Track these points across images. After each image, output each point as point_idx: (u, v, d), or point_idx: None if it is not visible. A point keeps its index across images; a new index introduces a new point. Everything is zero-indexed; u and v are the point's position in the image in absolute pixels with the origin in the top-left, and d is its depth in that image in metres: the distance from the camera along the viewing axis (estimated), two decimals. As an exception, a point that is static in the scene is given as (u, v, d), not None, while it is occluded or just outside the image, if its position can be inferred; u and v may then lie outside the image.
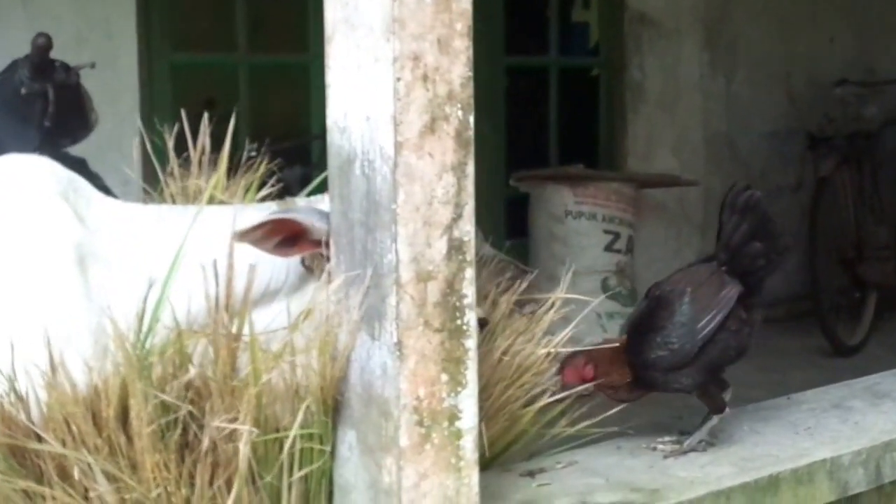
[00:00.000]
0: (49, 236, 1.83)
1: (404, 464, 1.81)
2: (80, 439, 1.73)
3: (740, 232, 2.26)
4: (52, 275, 1.82)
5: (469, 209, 1.83)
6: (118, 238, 1.88)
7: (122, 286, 1.82)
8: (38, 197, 1.87)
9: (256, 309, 1.87)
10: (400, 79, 1.74)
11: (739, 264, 2.24)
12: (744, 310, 2.27)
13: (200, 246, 1.85)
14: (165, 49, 4.19)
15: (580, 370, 2.27)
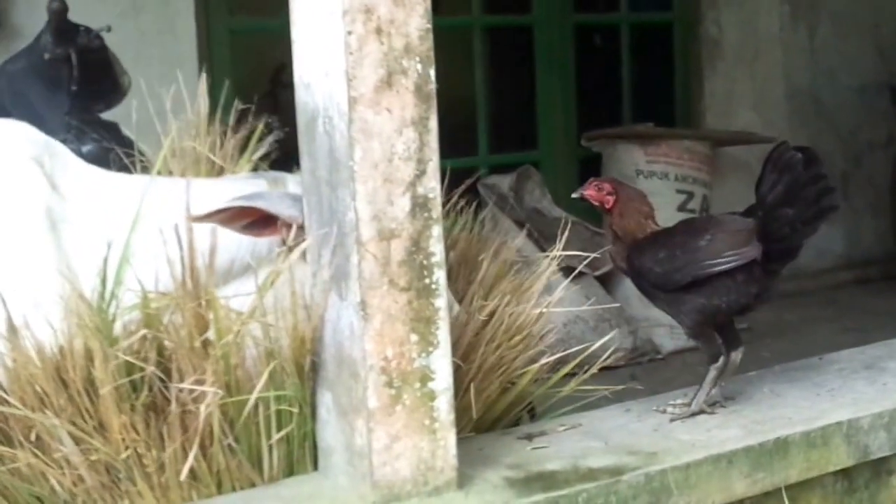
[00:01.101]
0: (20, 200, 1.85)
1: (374, 425, 1.78)
2: (46, 401, 1.75)
3: (775, 193, 2.18)
4: (22, 238, 1.84)
5: (433, 165, 1.78)
6: (92, 204, 1.89)
7: (91, 251, 1.83)
8: (10, 161, 1.89)
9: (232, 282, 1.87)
10: (351, 32, 1.70)
11: (770, 227, 2.16)
12: (763, 272, 2.18)
13: (171, 216, 1.85)
14: (223, 14, 4.21)
15: (602, 193, 2.31)
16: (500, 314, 2.05)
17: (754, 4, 5.60)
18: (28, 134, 1.96)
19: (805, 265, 5.86)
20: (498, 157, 5.13)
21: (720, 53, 5.59)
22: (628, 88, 5.52)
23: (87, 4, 3.50)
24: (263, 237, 1.94)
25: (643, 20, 5.67)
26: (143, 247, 1.85)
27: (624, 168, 5.05)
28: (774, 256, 2.21)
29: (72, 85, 2.70)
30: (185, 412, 1.80)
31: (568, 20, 5.21)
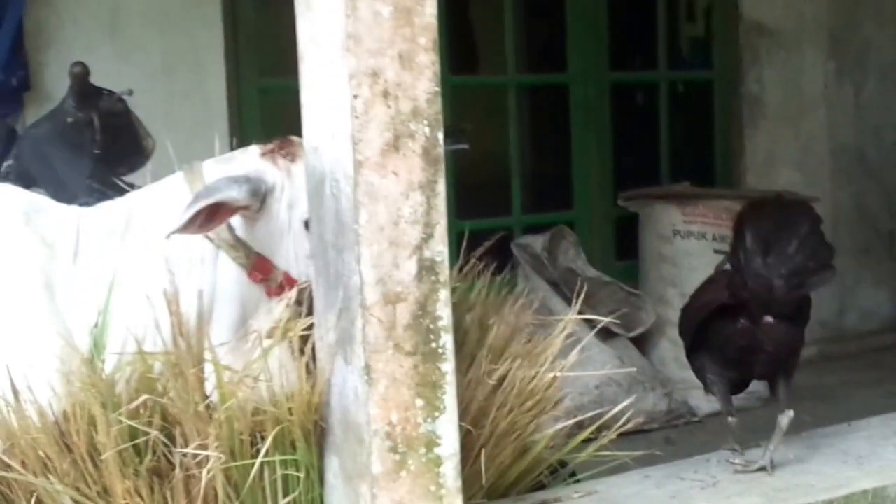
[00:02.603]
0: (14, 262, 1.87)
1: (378, 491, 1.76)
2: (50, 465, 1.74)
3: (748, 239, 2.14)
4: (18, 301, 1.85)
5: (441, 229, 1.77)
6: (81, 257, 1.90)
7: (85, 311, 1.84)
8: (4, 226, 1.91)
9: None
10: (357, 96, 1.70)
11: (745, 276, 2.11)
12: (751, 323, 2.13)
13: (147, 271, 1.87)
14: (253, 75, 4.27)
15: None
16: (511, 378, 2.02)
17: (798, 62, 5.56)
18: (14, 195, 1.98)
19: (849, 327, 5.76)
20: (532, 217, 5.11)
21: (762, 111, 5.55)
22: (666, 147, 5.50)
23: (117, 66, 3.56)
24: (211, 230, 1.91)
25: (682, 78, 5.66)
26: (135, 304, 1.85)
27: (661, 228, 5.01)
28: (761, 307, 2.13)
29: (94, 148, 2.74)
30: (189, 477, 1.79)
31: (604, 78, 5.20)
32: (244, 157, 2.02)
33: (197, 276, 1.92)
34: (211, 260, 1.95)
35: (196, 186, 1.96)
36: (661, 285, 4.97)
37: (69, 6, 3.94)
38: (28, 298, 1.86)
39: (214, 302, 1.92)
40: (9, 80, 3.72)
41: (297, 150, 2.02)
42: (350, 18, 1.68)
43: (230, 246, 1.92)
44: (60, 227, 1.93)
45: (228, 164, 2.02)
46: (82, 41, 3.87)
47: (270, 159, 2.01)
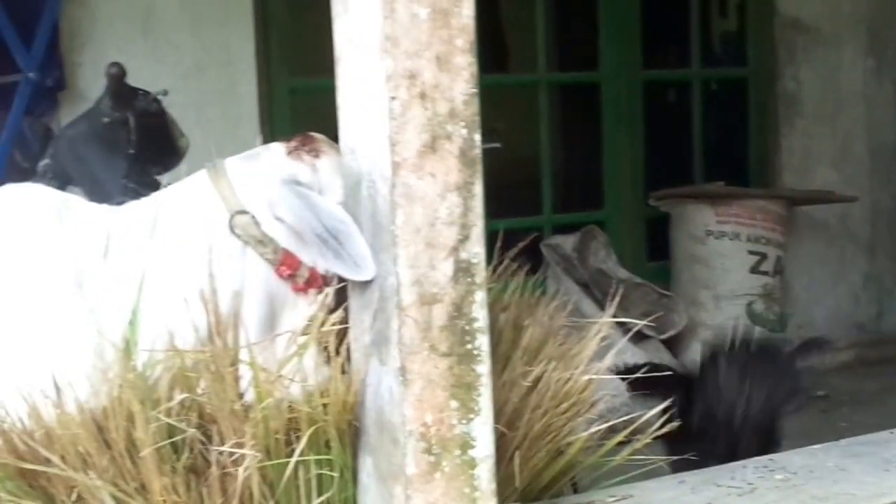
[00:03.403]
0: (44, 261, 1.89)
1: (412, 492, 1.76)
2: (89, 461, 1.76)
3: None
4: (51, 299, 1.87)
5: (478, 230, 1.77)
6: (112, 254, 1.91)
7: (118, 306, 1.85)
8: (33, 223, 1.93)
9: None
10: (395, 97, 1.70)
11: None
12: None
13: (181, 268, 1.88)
14: (284, 74, 4.29)
15: None
16: (546, 380, 2.02)
17: (836, 59, 5.52)
18: (50, 197, 2.00)
19: (888, 330, 5.71)
20: (562, 217, 5.11)
21: (798, 109, 5.52)
22: (699, 146, 5.47)
23: (149, 66, 3.59)
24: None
25: (716, 76, 5.62)
26: (166, 302, 1.87)
27: (693, 229, 4.99)
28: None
29: (129, 148, 2.76)
30: (225, 474, 1.80)
31: (637, 76, 5.19)
32: (270, 156, 2.02)
33: (225, 273, 1.92)
34: (238, 256, 1.95)
35: (220, 184, 1.96)
36: (693, 287, 4.96)
37: (104, 7, 3.98)
38: (60, 296, 1.88)
39: (242, 299, 1.92)
40: (44, 80, 3.76)
41: (320, 145, 2.03)
42: (388, 20, 1.68)
43: (258, 241, 1.92)
44: (91, 226, 1.95)
45: (253, 162, 2.02)
46: (116, 41, 3.92)
47: (297, 157, 2.01)
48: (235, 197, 1.93)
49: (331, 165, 1.94)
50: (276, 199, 1.91)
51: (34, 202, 1.98)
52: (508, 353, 2.11)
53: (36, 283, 1.89)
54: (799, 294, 5.41)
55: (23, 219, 1.95)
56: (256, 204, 1.94)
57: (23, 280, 1.90)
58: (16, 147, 3.68)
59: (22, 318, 1.87)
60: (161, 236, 1.92)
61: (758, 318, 4.91)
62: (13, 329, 1.86)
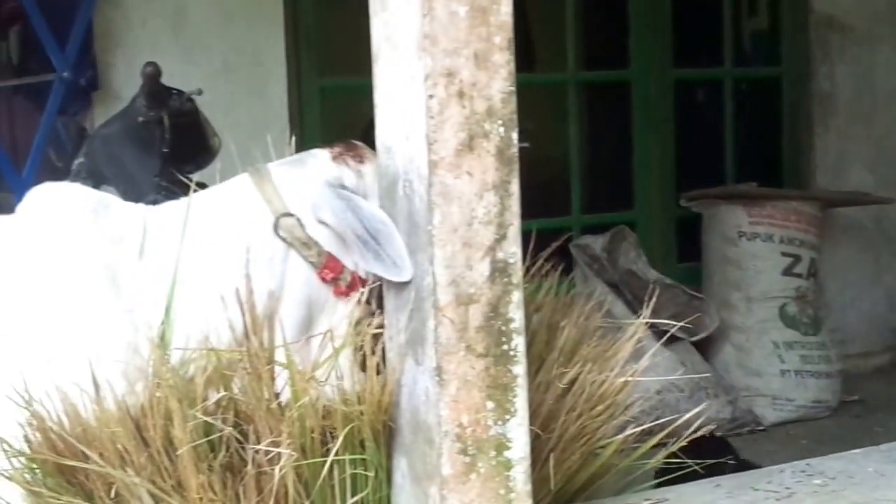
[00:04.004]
0: (80, 260, 1.89)
1: (447, 493, 1.75)
2: (127, 459, 1.76)
3: None
4: (84, 297, 1.87)
5: (514, 230, 1.76)
6: (148, 254, 1.92)
7: (153, 305, 1.86)
8: (67, 222, 1.93)
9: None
10: (433, 96, 1.69)
11: None
12: None
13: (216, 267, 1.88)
14: (313, 74, 4.30)
15: None
16: (581, 382, 2.00)
17: (872, 58, 5.44)
18: (85, 196, 2.01)
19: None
20: (591, 217, 5.08)
21: (833, 109, 5.45)
22: (731, 146, 5.41)
23: (181, 66, 3.61)
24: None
25: (748, 75, 5.57)
26: (203, 301, 1.87)
27: (725, 230, 4.94)
28: None
29: (163, 147, 2.77)
30: (261, 473, 1.80)
31: (668, 75, 5.15)
32: (316, 162, 2.03)
33: (266, 275, 1.92)
34: (281, 259, 1.95)
35: (265, 187, 1.97)
36: (725, 288, 4.91)
37: (137, 8, 4.00)
38: (97, 295, 1.89)
39: (281, 300, 1.93)
40: (78, 79, 3.79)
41: (364, 152, 2.05)
42: (426, 18, 1.68)
43: (302, 244, 1.93)
44: (127, 225, 1.96)
45: (298, 168, 2.03)
46: (148, 42, 3.94)
47: (342, 162, 2.02)
48: (280, 200, 1.94)
49: (375, 171, 1.95)
50: (320, 202, 1.92)
51: (71, 201, 1.99)
52: (542, 354, 2.10)
53: (72, 281, 1.90)
54: (833, 297, 5.35)
55: (60, 217, 1.95)
56: (301, 207, 1.95)
57: (60, 278, 1.90)
58: (50, 146, 3.70)
59: (59, 316, 1.87)
60: (200, 236, 1.93)
61: (791, 321, 4.86)
62: (51, 327, 1.87)
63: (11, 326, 1.88)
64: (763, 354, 4.77)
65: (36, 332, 1.87)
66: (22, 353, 1.85)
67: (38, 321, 1.88)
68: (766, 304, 4.85)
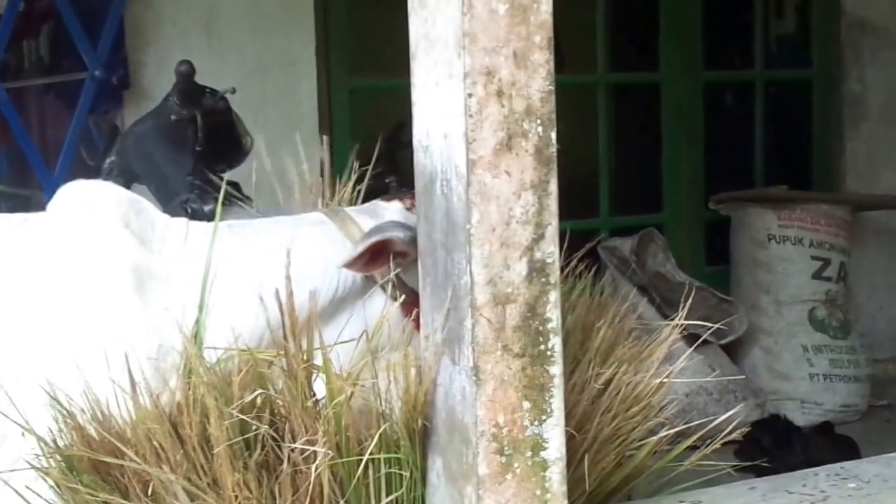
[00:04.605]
0: (107, 260, 1.90)
1: (483, 493, 1.74)
2: (163, 456, 1.76)
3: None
4: (110, 298, 1.88)
5: (552, 229, 1.75)
6: (179, 260, 1.93)
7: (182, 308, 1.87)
8: (97, 222, 1.94)
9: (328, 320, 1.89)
10: (472, 95, 1.69)
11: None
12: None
13: (258, 267, 1.88)
14: (343, 75, 4.30)
15: None
16: (617, 383, 1.99)
17: (903, 61, 5.40)
18: (116, 194, 2.02)
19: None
20: (620, 220, 5.06)
21: (864, 112, 5.40)
22: (761, 149, 5.38)
23: (212, 66, 3.62)
24: (371, 272, 1.98)
25: (779, 77, 5.53)
26: (238, 303, 1.88)
27: (755, 233, 4.92)
28: None
29: (196, 146, 2.77)
30: (296, 472, 1.80)
31: (698, 77, 5.12)
32: (391, 212, 2.10)
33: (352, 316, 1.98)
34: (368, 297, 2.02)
35: (349, 229, 2.04)
36: (754, 292, 4.88)
37: (168, 7, 4.01)
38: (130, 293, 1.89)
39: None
40: (110, 78, 3.81)
41: None
42: (466, 16, 1.67)
43: (393, 284, 1.98)
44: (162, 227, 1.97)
45: (375, 218, 2.07)
46: (180, 41, 3.95)
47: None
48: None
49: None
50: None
51: (103, 199, 1.99)
52: (577, 354, 2.09)
53: (105, 279, 1.90)
54: (862, 301, 5.31)
55: (92, 215, 1.96)
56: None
57: (92, 277, 1.91)
58: (81, 144, 3.72)
59: (92, 314, 1.88)
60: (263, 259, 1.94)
61: (820, 325, 4.83)
62: (84, 325, 1.87)
63: (44, 324, 1.89)
64: (792, 358, 4.74)
65: (69, 329, 1.88)
66: (55, 351, 1.86)
67: (71, 319, 1.89)
68: (795, 307, 4.83)
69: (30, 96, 4.46)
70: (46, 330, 1.87)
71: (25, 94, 4.45)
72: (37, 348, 1.85)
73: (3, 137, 4.25)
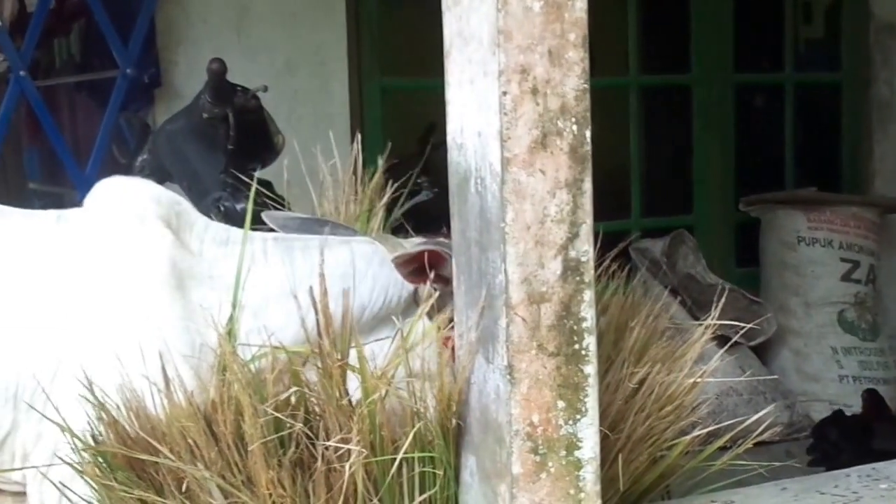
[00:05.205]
0: (147, 256, 1.91)
1: (517, 492, 1.74)
2: (197, 453, 1.77)
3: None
4: (148, 295, 1.89)
5: (587, 228, 1.74)
6: (218, 262, 1.94)
7: (219, 307, 1.87)
8: (138, 218, 1.95)
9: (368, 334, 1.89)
10: (507, 93, 1.68)
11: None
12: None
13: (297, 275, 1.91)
14: (375, 74, 4.31)
15: None
16: (650, 382, 1.99)
17: (932, 64, 5.36)
18: (155, 192, 2.03)
19: None
20: (651, 221, 5.04)
21: (892, 115, 5.36)
22: (790, 151, 5.36)
23: (243, 65, 3.63)
24: (418, 284, 2.00)
25: (809, 80, 5.51)
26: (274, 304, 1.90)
27: (784, 234, 4.89)
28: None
29: (228, 144, 2.78)
30: (330, 469, 1.80)
31: (728, 79, 5.10)
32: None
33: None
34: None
35: (396, 251, 2.05)
36: (783, 293, 4.85)
37: (199, 6, 4.02)
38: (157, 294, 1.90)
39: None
40: (141, 76, 3.82)
41: None
42: (501, 13, 1.67)
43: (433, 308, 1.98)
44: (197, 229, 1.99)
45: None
46: (211, 40, 3.96)
47: None
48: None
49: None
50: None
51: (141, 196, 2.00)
52: (610, 354, 2.09)
53: (147, 277, 1.91)
54: (891, 303, 5.27)
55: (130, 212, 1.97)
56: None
57: (133, 274, 1.92)
58: (113, 142, 3.74)
59: (134, 310, 1.89)
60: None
61: (849, 327, 4.80)
62: (119, 322, 1.88)
63: (81, 320, 1.90)
64: (821, 360, 4.72)
65: (106, 325, 1.88)
66: (91, 348, 1.87)
67: (109, 315, 1.90)
68: (824, 309, 4.80)
69: (61, 94, 4.49)
70: (83, 326, 1.88)
71: (57, 93, 4.48)
72: (73, 344, 1.86)
73: (35, 136, 4.28)
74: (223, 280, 1.93)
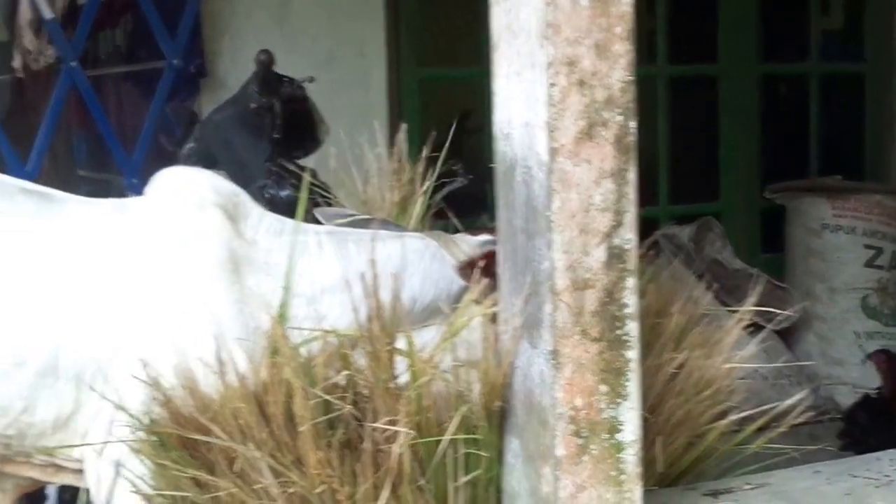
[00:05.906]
0: (205, 243, 1.97)
1: (561, 474, 1.79)
2: (248, 434, 1.82)
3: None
4: (206, 280, 1.94)
5: (630, 217, 1.79)
6: (273, 251, 1.99)
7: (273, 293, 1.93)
8: (197, 207, 2.01)
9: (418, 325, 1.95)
10: (554, 84, 1.73)
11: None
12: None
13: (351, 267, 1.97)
14: (412, 64, 4.35)
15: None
16: (689, 367, 2.03)
17: (956, 54, 5.37)
18: (214, 182, 2.08)
19: None
20: (678, 208, 5.08)
21: (916, 106, 5.39)
22: (815, 140, 5.38)
23: (285, 55, 3.68)
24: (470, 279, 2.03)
25: (834, 70, 5.53)
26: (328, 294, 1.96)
27: (809, 222, 4.93)
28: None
29: (274, 133, 2.83)
30: (377, 451, 1.85)
31: (754, 70, 5.13)
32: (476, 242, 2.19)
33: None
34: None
35: (449, 247, 2.14)
36: (808, 279, 4.90)
37: (242, -2, 4.09)
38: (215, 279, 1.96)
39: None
40: (187, 67, 3.88)
41: None
42: (549, 7, 1.71)
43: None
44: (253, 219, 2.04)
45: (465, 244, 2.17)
46: (254, 31, 4.03)
47: None
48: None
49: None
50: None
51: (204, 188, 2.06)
52: (649, 339, 2.13)
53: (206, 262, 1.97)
54: (912, 291, 5.31)
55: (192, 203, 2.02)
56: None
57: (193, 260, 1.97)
58: (159, 130, 3.80)
59: (192, 294, 1.94)
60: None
61: (872, 312, 4.86)
62: (183, 305, 1.94)
63: (141, 304, 1.95)
64: (845, 344, 4.78)
65: (163, 309, 1.94)
66: (149, 331, 1.92)
67: (168, 298, 1.95)
68: (848, 294, 4.86)
69: (109, 84, 4.55)
70: (143, 309, 1.93)
71: (105, 82, 4.54)
72: (132, 327, 1.92)
73: (84, 123, 4.34)
74: (278, 268, 1.98)
